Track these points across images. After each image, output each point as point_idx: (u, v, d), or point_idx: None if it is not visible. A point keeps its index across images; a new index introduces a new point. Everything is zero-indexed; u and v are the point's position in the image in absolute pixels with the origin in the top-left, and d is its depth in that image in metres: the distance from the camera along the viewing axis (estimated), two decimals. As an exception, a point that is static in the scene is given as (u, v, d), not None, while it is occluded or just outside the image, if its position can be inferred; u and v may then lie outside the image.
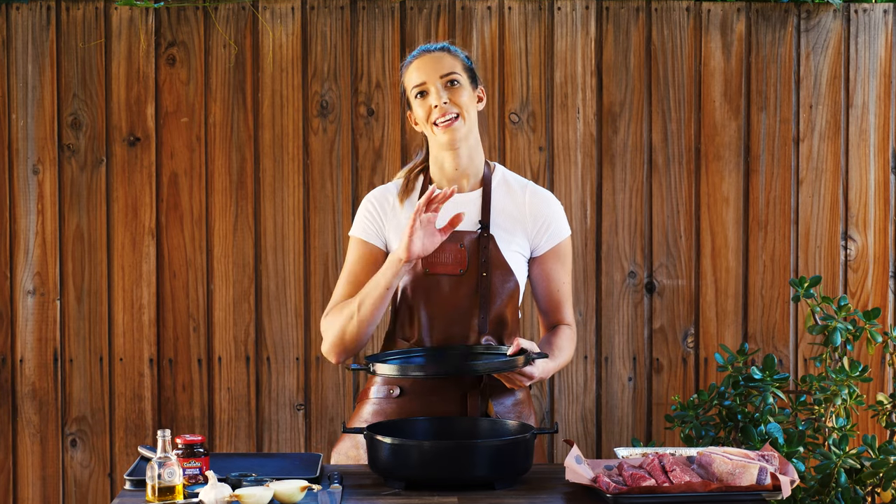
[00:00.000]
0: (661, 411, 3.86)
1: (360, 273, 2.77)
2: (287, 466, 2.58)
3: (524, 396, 2.78)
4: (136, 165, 3.83)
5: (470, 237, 2.74)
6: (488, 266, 2.72)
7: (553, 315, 2.85)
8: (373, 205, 2.81)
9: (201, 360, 3.86)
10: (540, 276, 2.82)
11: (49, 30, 3.81)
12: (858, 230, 3.87)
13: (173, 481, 2.31)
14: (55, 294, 3.84)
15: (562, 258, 2.82)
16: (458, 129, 2.73)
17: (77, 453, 3.87)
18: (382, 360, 2.67)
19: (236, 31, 3.82)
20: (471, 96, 2.76)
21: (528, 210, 2.80)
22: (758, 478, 2.32)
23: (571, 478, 2.39)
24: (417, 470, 2.39)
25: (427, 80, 2.74)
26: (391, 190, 2.83)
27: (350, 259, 2.80)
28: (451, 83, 2.73)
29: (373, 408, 2.76)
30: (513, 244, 2.77)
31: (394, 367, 2.54)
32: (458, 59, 2.77)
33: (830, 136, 3.86)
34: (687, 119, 3.85)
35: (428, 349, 2.71)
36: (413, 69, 2.77)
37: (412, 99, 2.76)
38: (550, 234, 2.80)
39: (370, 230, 2.79)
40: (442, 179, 2.80)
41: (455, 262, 2.72)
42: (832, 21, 3.84)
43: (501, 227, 2.77)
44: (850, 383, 3.34)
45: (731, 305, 3.87)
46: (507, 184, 2.82)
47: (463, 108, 2.73)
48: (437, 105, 2.72)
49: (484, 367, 2.55)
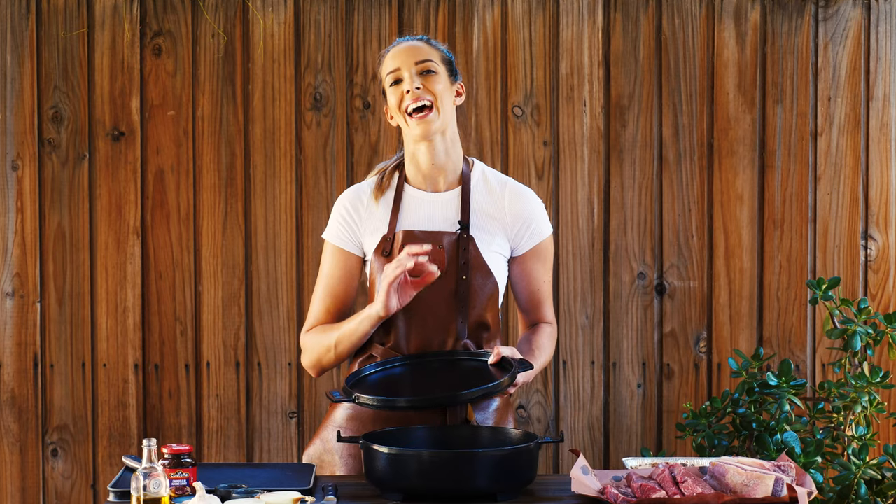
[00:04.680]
0: (672, 419, 3.86)
1: (336, 285, 2.83)
2: (279, 477, 2.58)
3: (503, 402, 2.81)
4: (121, 161, 3.83)
5: (449, 238, 2.76)
6: (468, 268, 2.75)
7: (533, 313, 2.89)
8: (346, 208, 2.84)
9: (189, 366, 3.86)
10: (520, 276, 2.85)
11: (29, 18, 3.81)
12: (879, 229, 3.87)
13: (159, 493, 2.31)
14: (35, 296, 3.84)
15: (542, 257, 2.85)
16: (431, 120, 2.74)
17: (58, 463, 3.87)
18: (363, 377, 2.71)
19: (225, 19, 3.82)
20: (447, 87, 2.77)
21: (507, 209, 2.82)
22: (773, 489, 2.32)
23: (578, 489, 2.39)
24: (416, 481, 2.39)
25: (401, 66, 2.76)
26: (364, 190, 2.85)
27: (325, 269, 2.85)
28: (426, 72, 2.75)
29: (346, 412, 2.79)
30: (493, 245, 2.79)
31: (379, 400, 2.57)
32: (435, 50, 2.80)
33: (850, 131, 3.86)
34: (699, 112, 3.85)
35: (407, 358, 2.74)
36: (389, 58, 2.80)
37: (387, 87, 2.79)
38: (531, 233, 2.83)
39: (344, 236, 2.83)
40: (417, 176, 2.82)
41: (434, 264, 2.73)
42: (851, 10, 3.84)
43: (481, 227, 2.79)
44: (870, 390, 3.34)
45: (745, 308, 3.87)
46: (486, 181, 2.85)
47: (437, 97, 2.74)
48: (409, 90, 2.73)
49: (470, 395, 2.56)
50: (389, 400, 2.57)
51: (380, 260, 2.77)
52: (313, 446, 2.82)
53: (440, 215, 2.79)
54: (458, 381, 2.65)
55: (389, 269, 2.63)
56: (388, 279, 2.63)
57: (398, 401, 2.56)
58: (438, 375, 2.70)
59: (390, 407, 2.58)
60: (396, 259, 2.63)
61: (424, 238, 2.75)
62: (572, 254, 3.85)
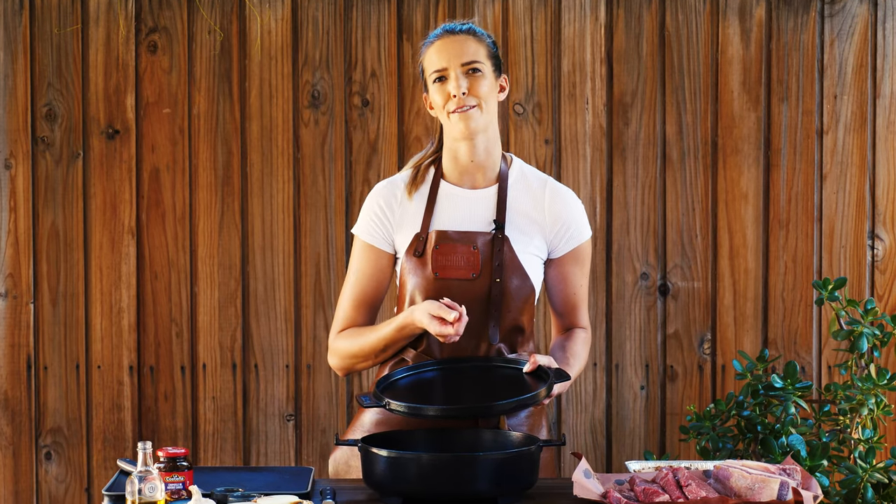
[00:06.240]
0: (676, 422, 3.86)
1: (367, 283, 2.80)
2: (276, 481, 2.58)
3: (538, 409, 2.78)
4: (115, 159, 3.83)
5: (483, 238, 2.74)
6: (502, 270, 2.72)
7: (568, 318, 2.86)
8: (378, 204, 2.81)
9: (185, 368, 3.86)
10: (557, 279, 2.82)
11: (22, 15, 3.81)
12: (886, 229, 3.87)
13: (155, 497, 2.31)
14: (28, 297, 3.84)
15: (581, 261, 2.82)
16: (475, 117, 2.72)
17: (52, 467, 3.87)
18: (394, 381, 2.67)
19: (222, 16, 3.82)
20: (492, 86, 2.75)
21: (547, 210, 2.80)
22: (779, 493, 2.32)
23: (580, 493, 2.39)
24: (415, 484, 2.39)
25: (448, 66, 2.73)
26: (398, 184, 2.82)
27: (355, 265, 2.82)
28: (472, 71, 2.73)
29: (374, 416, 2.76)
30: (530, 246, 2.76)
31: (410, 407, 2.53)
32: (482, 45, 2.76)
33: (856, 129, 3.86)
34: (703, 110, 3.85)
35: (440, 362, 2.71)
36: (434, 51, 2.76)
37: (430, 82, 2.76)
38: (570, 236, 2.80)
39: (376, 233, 2.80)
40: (454, 172, 2.80)
41: (467, 266, 2.71)
42: (858, 6, 3.84)
43: (518, 227, 2.76)
44: (877, 392, 3.34)
45: (750, 309, 3.87)
46: (524, 180, 2.82)
47: (482, 98, 2.72)
48: (455, 95, 2.71)
49: (505, 406, 2.52)
50: (421, 408, 2.53)
51: (411, 260, 2.74)
52: (339, 450, 2.80)
53: (475, 214, 2.77)
54: (491, 389, 2.61)
55: (434, 326, 2.60)
56: (434, 327, 2.60)
57: (429, 409, 2.53)
58: (471, 382, 2.67)
59: (421, 415, 2.54)
60: (442, 316, 2.59)
61: (458, 239, 2.73)
62: (574, 254, 3.84)
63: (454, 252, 2.72)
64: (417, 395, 2.62)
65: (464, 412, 2.56)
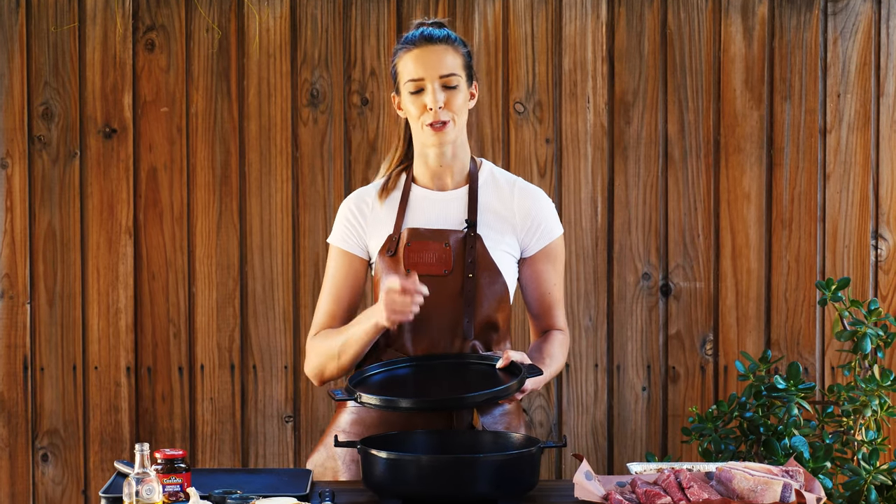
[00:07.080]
0: (678, 423, 3.86)
1: (342, 288, 2.84)
2: (275, 483, 2.58)
3: (513, 407, 2.80)
4: (112, 159, 3.83)
5: (455, 236, 2.77)
6: (475, 266, 2.75)
7: (544, 319, 2.88)
8: (350, 210, 2.85)
9: (182, 369, 3.86)
10: (530, 278, 2.85)
11: (18, 12, 3.81)
12: (890, 228, 3.87)
13: (152, 499, 2.31)
14: (25, 297, 3.84)
15: (553, 259, 2.85)
16: (447, 132, 2.76)
17: (49, 469, 3.87)
18: (367, 377, 2.69)
19: (220, 13, 3.82)
20: (465, 97, 2.79)
21: (516, 208, 2.83)
22: (781, 495, 2.32)
23: (581, 495, 2.39)
24: (415, 486, 2.39)
25: (425, 78, 2.75)
26: (369, 192, 2.87)
27: (331, 271, 2.86)
28: (448, 85, 2.75)
29: (351, 416, 2.79)
30: (502, 244, 2.80)
31: (382, 400, 2.55)
32: (459, 55, 2.79)
33: (860, 127, 3.86)
34: (705, 109, 3.85)
35: (413, 359, 2.73)
36: (411, 60, 2.77)
37: (404, 89, 2.78)
38: (541, 233, 2.84)
39: (349, 239, 2.84)
40: (425, 174, 2.83)
41: (439, 262, 2.74)
42: (862, 4, 3.84)
43: (489, 225, 2.80)
44: (880, 393, 3.34)
45: (752, 309, 3.87)
46: (494, 181, 2.86)
47: (456, 112, 2.76)
48: (431, 109, 2.74)
49: (476, 398, 2.57)
50: (392, 400, 2.55)
51: (384, 260, 2.77)
52: (317, 453, 2.82)
53: (447, 214, 2.81)
54: (464, 384, 2.64)
55: (398, 300, 2.60)
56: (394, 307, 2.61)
57: (401, 401, 2.55)
58: (444, 378, 2.70)
59: (393, 407, 2.56)
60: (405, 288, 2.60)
61: (430, 236, 2.76)
62: (575, 254, 3.85)
63: (426, 249, 2.76)
64: (390, 390, 2.64)
65: (436, 404, 2.59)
